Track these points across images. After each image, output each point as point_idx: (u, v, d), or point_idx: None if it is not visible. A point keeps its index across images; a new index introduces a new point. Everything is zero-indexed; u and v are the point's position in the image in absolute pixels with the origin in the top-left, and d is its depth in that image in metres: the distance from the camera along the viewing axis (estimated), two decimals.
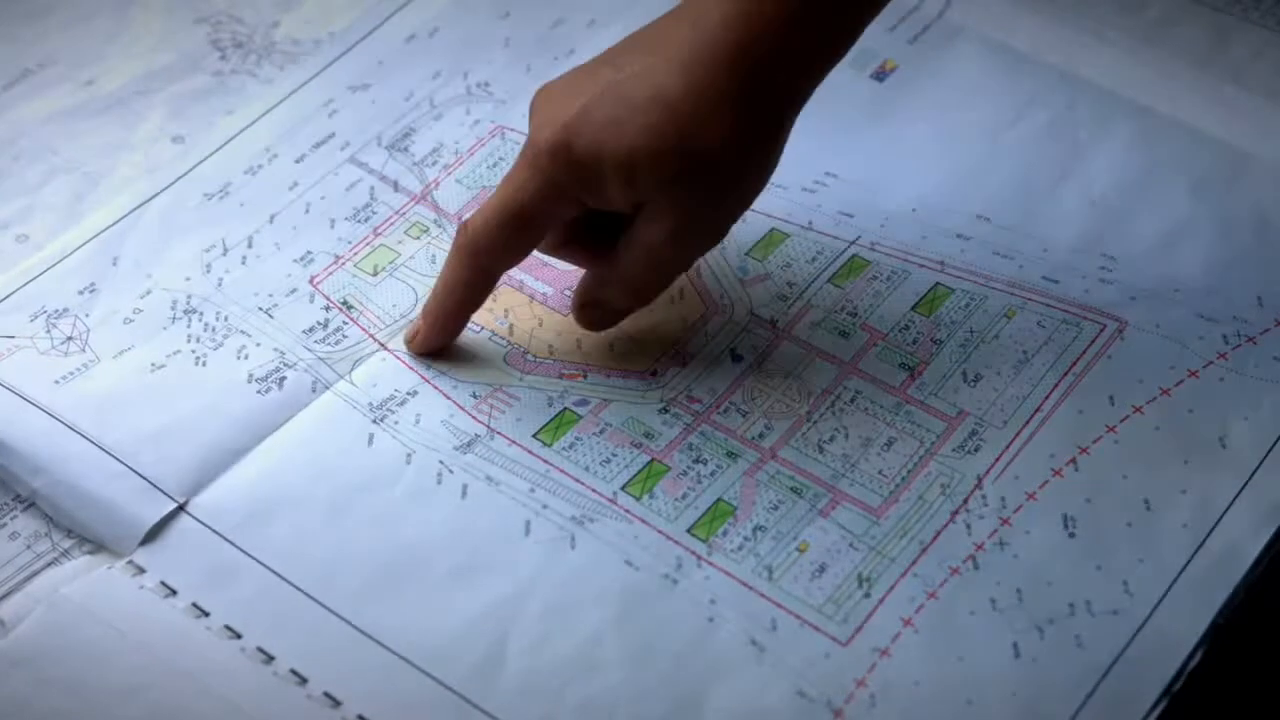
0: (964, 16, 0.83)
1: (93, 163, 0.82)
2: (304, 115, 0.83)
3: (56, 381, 0.72)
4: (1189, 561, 0.65)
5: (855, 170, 0.79)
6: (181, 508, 0.68)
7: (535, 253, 0.69)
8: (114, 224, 0.78)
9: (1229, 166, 0.79)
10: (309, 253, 0.77)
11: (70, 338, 0.74)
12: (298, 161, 0.81)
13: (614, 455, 0.69)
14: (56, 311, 0.75)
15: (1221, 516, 0.66)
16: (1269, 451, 0.68)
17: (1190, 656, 0.62)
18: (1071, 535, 0.66)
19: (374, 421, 0.70)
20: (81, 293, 0.76)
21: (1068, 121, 0.81)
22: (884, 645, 0.63)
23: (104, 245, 0.78)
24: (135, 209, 0.79)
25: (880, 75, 0.84)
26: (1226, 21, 0.85)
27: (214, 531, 0.67)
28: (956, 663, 0.63)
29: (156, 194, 0.80)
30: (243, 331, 0.74)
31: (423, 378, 0.72)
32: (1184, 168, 0.79)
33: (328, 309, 0.75)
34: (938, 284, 0.74)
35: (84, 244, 0.78)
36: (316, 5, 0.89)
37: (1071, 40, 0.84)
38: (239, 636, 0.64)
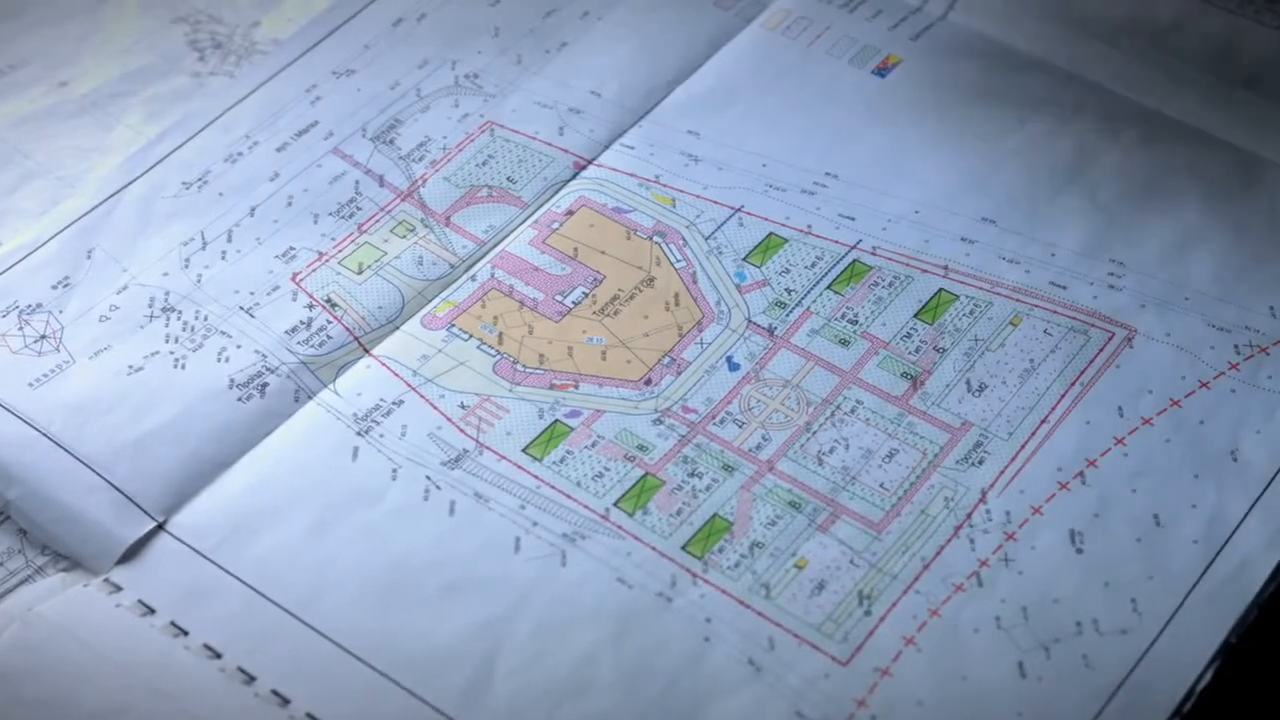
0: (967, 19, 0.82)
1: (67, 166, 0.80)
2: (286, 100, 0.82)
3: (30, 384, 0.70)
4: (1199, 579, 0.64)
5: (856, 170, 0.78)
6: (161, 526, 0.66)
7: (526, 257, 0.68)
8: (89, 212, 0.77)
9: (1241, 172, 0.77)
10: (291, 249, 0.75)
11: (44, 336, 0.72)
12: (279, 150, 0.79)
13: (606, 469, 0.67)
14: (29, 307, 0.73)
15: (1233, 532, 0.65)
16: None
17: (1201, 676, 0.61)
18: (1079, 551, 0.65)
19: (359, 434, 0.69)
20: (55, 287, 0.74)
21: (1075, 124, 0.80)
22: (885, 665, 0.62)
23: (78, 235, 0.76)
24: (111, 196, 0.77)
25: (882, 71, 0.82)
26: (1239, 24, 0.84)
27: (193, 550, 0.66)
28: (960, 682, 0.62)
29: (132, 180, 0.78)
30: (223, 332, 0.72)
31: (409, 386, 0.70)
32: (1195, 173, 0.78)
33: (311, 308, 0.73)
34: (941, 290, 0.73)
35: (57, 234, 0.76)
36: (297, 4, 0.88)
37: (1079, 44, 0.83)
38: (219, 656, 0.63)
